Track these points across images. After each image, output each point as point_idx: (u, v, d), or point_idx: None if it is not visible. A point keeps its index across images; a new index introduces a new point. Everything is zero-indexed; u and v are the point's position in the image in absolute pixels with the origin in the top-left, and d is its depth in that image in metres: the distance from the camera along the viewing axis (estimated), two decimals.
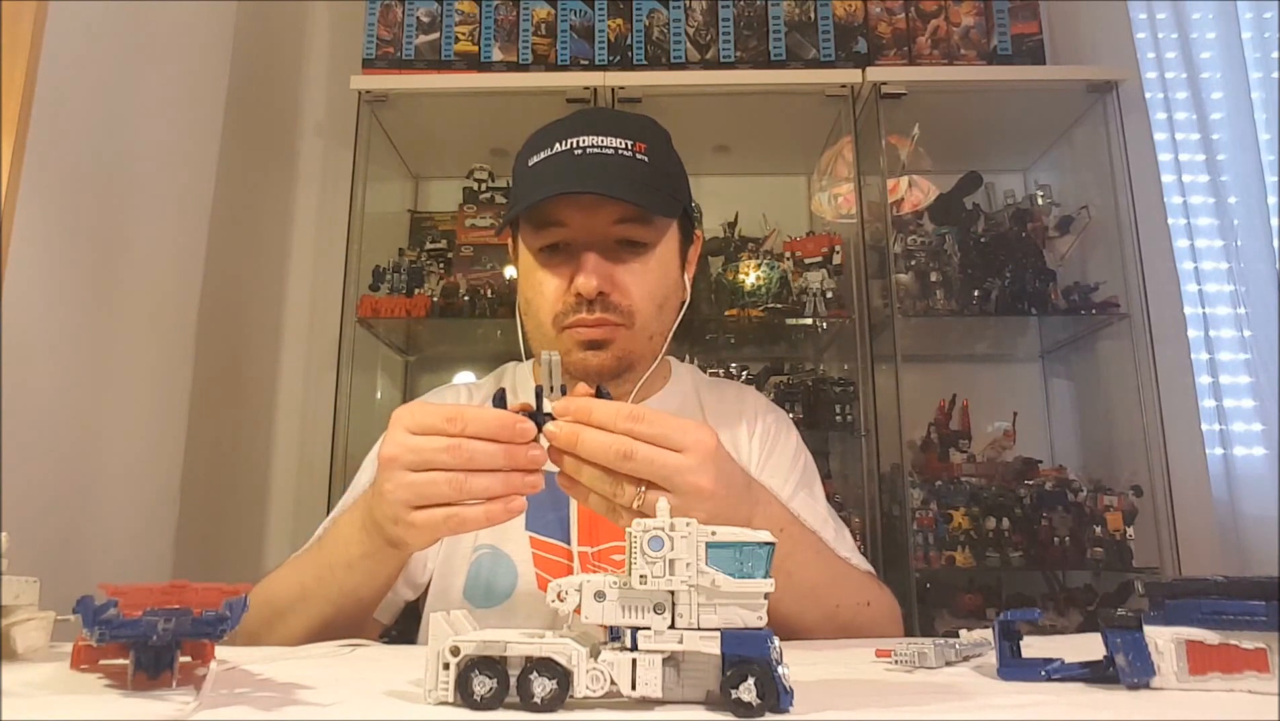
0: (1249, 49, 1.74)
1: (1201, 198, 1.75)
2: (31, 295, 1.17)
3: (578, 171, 0.85)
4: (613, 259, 0.87)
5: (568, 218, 0.86)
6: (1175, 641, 0.45)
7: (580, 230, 0.86)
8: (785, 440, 1.00)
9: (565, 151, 0.86)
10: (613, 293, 0.86)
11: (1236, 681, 0.44)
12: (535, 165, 0.88)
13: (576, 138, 0.86)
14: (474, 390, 1.03)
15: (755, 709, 0.40)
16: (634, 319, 0.88)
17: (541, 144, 0.88)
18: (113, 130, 1.37)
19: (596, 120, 0.90)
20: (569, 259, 0.87)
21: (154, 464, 1.51)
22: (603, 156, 0.85)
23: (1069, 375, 2.02)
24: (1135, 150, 1.75)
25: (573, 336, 0.87)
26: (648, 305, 0.89)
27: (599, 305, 0.85)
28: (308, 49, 2.17)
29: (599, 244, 0.86)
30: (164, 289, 1.53)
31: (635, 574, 0.42)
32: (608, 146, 0.86)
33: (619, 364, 0.88)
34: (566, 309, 0.86)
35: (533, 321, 0.91)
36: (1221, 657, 0.45)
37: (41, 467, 1.19)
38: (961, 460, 1.81)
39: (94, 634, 0.43)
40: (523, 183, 0.90)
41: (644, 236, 0.88)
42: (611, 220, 0.86)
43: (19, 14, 1.14)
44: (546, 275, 0.88)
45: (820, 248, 1.83)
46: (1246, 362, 1.68)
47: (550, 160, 0.86)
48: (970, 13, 1.89)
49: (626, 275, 0.87)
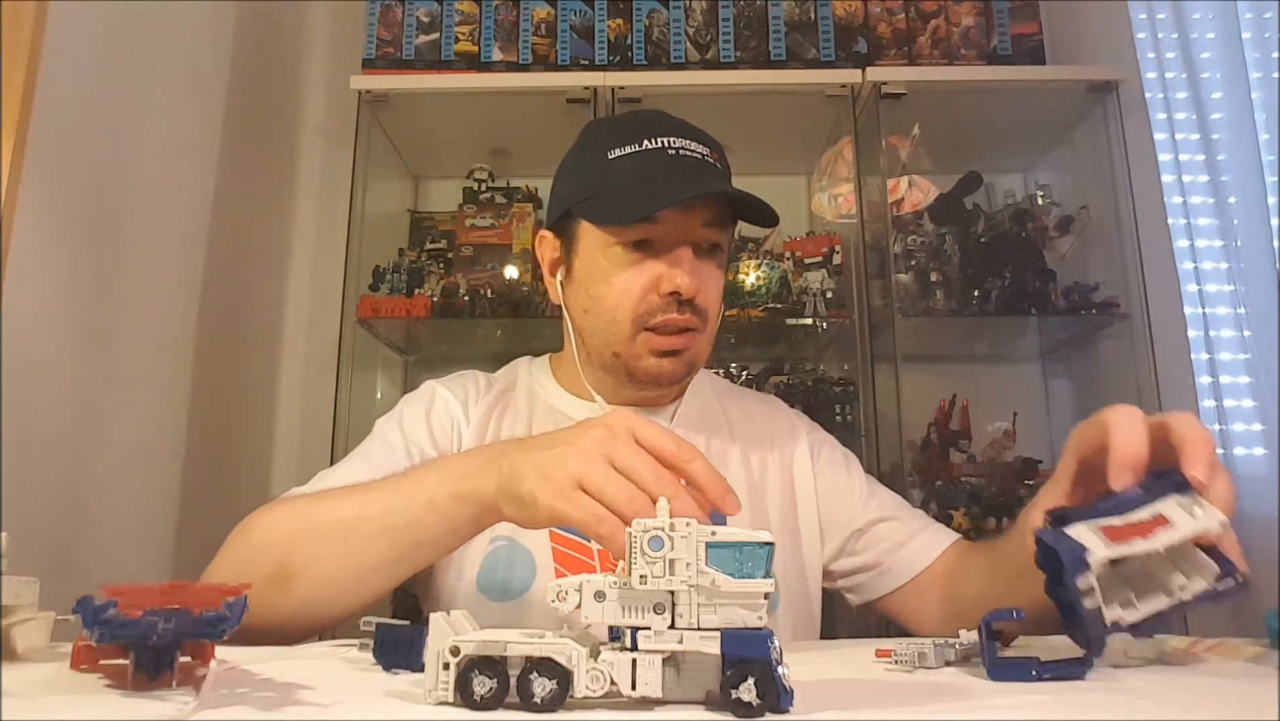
0: (1249, 49, 1.74)
1: (1201, 198, 1.75)
2: (31, 295, 1.17)
3: (683, 171, 0.84)
4: (697, 260, 0.87)
5: (663, 216, 0.84)
6: (1091, 527, 0.54)
7: (674, 230, 0.85)
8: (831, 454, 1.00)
9: (658, 150, 0.85)
10: (698, 295, 0.85)
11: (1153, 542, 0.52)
12: (621, 159, 0.86)
13: (666, 137, 0.86)
14: (493, 380, 1.01)
15: (755, 709, 0.40)
16: (708, 323, 0.88)
17: (624, 137, 0.87)
18: (113, 130, 1.37)
19: (677, 123, 0.89)
20: (657, 257, 0.86)
21: (154, 464, 1.51)
22: (696, 160, 0.85)
23: (1069, 375, 2.01)
24: (1135, 150, 1.75)
25: (649, 342, 0.86)
26: (717, 310, 0.90)
27: (689, 306, 0.85)
28: (308, 49, 2.17)
29: (688, 244, 0.86)
30: (164, 289, 1.53)
31: (635, 574, 0.42)
32: (695, 151, 0.86)
33: (689, 371, 0.90)
34: (653, 308, 0.85)
35: (603, 321, 0.88)
36: (1131, 531, 0.53)
37: (41, 467, 1.19)
38: (961, 460, 1.81)
39: (94, 634, 0.43)
40: (605, 175, 0.87)
41: (723, 241, 0.89)
42: (701, 222, 0.86)
43: (19, 14, 1.14)
44: (632, 272, 0.86)
45: (820, 248, 1.83)
46: (1246, 362, 1.68)
47: (643, 156, 0.85)
48: (970, 13, 1.89)
49: (708, 279, 0.87)
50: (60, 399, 1.25)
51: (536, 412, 0.97)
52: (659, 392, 0.92)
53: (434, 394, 0.96)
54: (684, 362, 0.88)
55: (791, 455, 0.98)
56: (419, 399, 0.96)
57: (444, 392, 0.96)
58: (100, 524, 1.33)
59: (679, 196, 0.83)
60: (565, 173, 0.95)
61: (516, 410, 0.97)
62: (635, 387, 0.91)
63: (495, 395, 0.98)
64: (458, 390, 0.97)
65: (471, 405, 0.95)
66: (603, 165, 0.87)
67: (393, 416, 0.95)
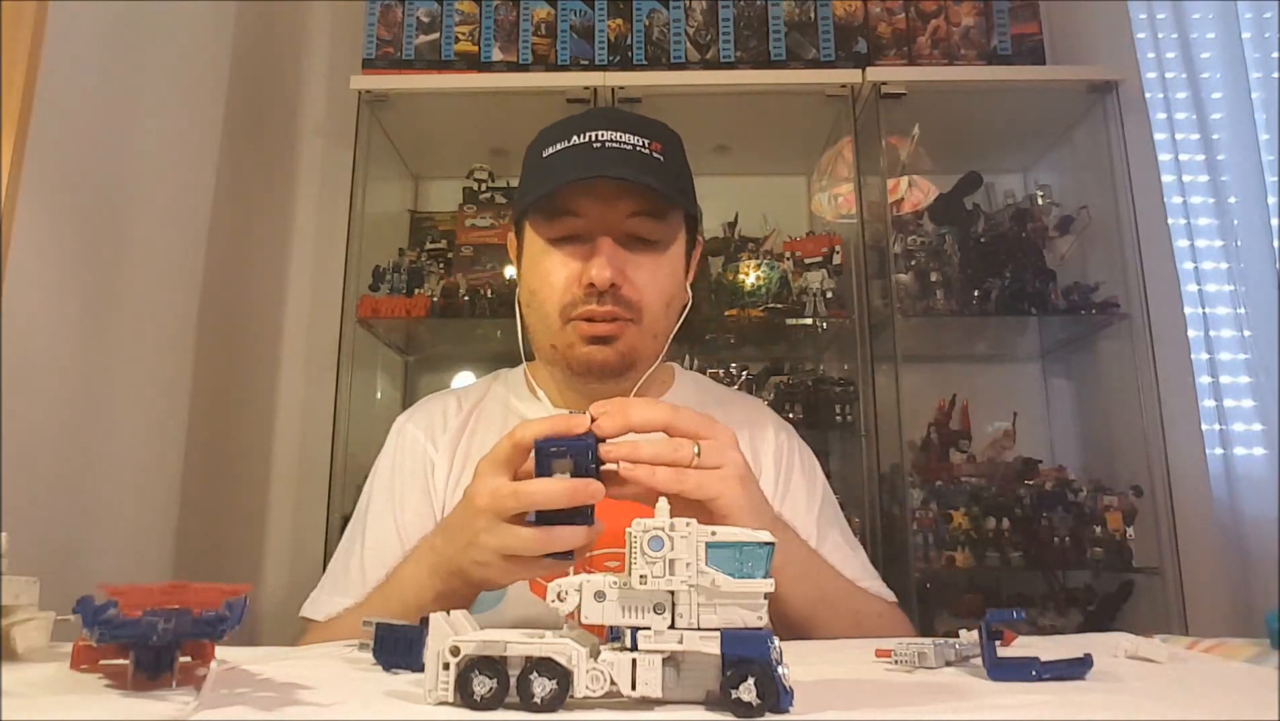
0: (1249, 49, 1.74)
1: (1201, 198, 1.75)
2: (32, 296, 1.17)
3: (598, 161, 0.84)
4: (625, 252, 0.86)
5: (583, 208, 0.85)
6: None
7: (595, 221, 0.85)
8: (802, 462, 0.99)
9: (584, 144, 0.85)
10: (624, 286, 0.85)
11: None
12: (550, 156, 0.87)
13: (594, 131, 0.86)
14: (463, 397, 1.01)
15: (755, 709, 0.40)
16: (642, 315, 0.87)
17: (557, 136, 0.88)
18: (113, 130, 1.37)
19: (614, 117, 0.90)
20: (580, 250, 0.86)
21: (154, 464, 1.51)
22: (621, 150, 0.85)
23: (1069, 375, 2.01)
24: (1135, 150, 1.75)
25: (578, 329, 0.86)
26: (656, 302, 0.88)
27: (610, 297, 0.84)
28: (308, 49, 2.17)
29: (613, 237, 0.85)
30: (164, 289, 1.53)
31: (635, 574, 0.42)
32: (625, 142, 0.85)
33: (623, 360, 0.87)
34: (575, 300, 0.85)
35: (537, 314, 0.89)
36: None
37: (42, 468, 1.19)
38: (961, 460, 1.81)
39: (94, 634, 0.43)
40: (536, 173, 0.89)
41: (656, 233, 0.88)
42: (627, 213, 0.85)
43: (19, 14, 1.14)
44: (556, 264, 0.86)
45: (820, 248, 1.83)
46: (1246, 362, 1.68)
47: (567, 151, 0.85)
48: (970, 13, 1.89)
49: (638, 270, 0.86)
50: (60, 399, 1.25)
51: (509, 422, 0.97)
52: (605, 387, 0.89)
53: (401, 435, 0.98)
54: (617, 352, 0.87)
55: (758, 471, 0.96)
56: (387, 450, 0.98)
57: (411, 430, 0.98)
58: (100, 524, 1.33)
59: (565, 179, 0.83)
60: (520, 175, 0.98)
61: (489, 423, 0.97)
62: (577, 380, 0.90)
63: (465, 415, 0.98)
64: (423, 422, 0.98)
65: (439, 434, 0.96)
66: (537, 164, 0.89)
67: (374, 476, 0.98)
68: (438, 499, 0.92)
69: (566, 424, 0.61)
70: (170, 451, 1.56)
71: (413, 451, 0.96)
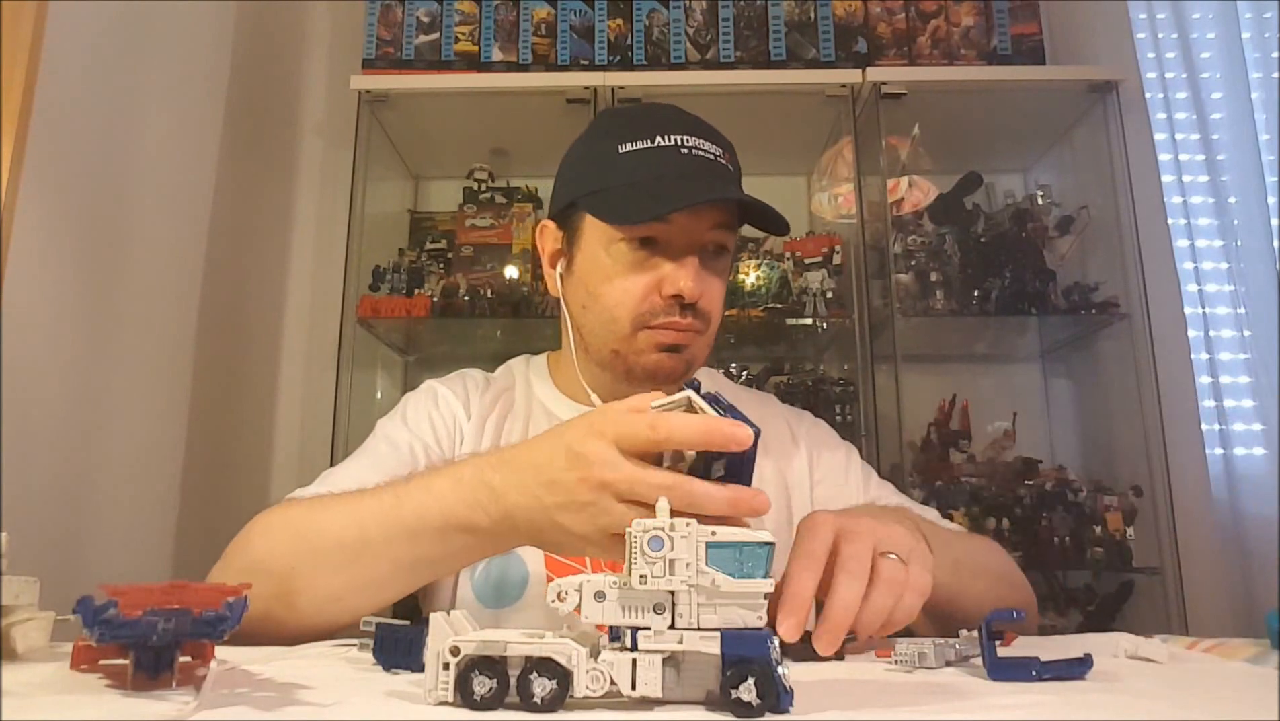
0: (1249, 49, 1.74)
1: (1201, 198, 1.75)
2: (31, 296, 1.17)
3: (695, 173, 0.83)
4: (702, 263, 0.86)
5: (672, 217, 0.83)
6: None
7: (682, 231, 0.84)
8: (827, 442, 1.01)
9: (671, 148, 0.83)
10: (701, 298, 0.84)
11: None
12: (630, 154, 0.84)
13: (678, 135, 0.84)
14: (491, 379, 1.01)
15: (755, 709, 0.40)
16: (710, 324, 0.88)
17: (635, 131, 0.85)
18: (113, 130, 1.37)
19: (688, 120, 0.88)
20: (659, 258, 0.84)
21: (154, 464, 1.51)
22: (707, 161, 0.84)
23: (1069, 375, 2.01)
24: (1135, 150, 1.74)
25: (652, 337, 0.85)
26: (719, 311, 0.89)
27: (691, 309, 0.84)
28: (308, 49, 2.17)
29: (695, 247, 0.85)
30: (164, 289, 1.53)
31: (635, 574, 0.42)
32: (708, 150, 0.85)
33: (688, 369, 0.89)
34: (655, 309, 0.84)
35: (599, 318, 0.87)
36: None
37: (41, 467, 1.19)
38: (962, 460, 1.81)
39: (94, 634, 0.43)
40: (612, 169, 0.85)
41: (729, 243, 0.88)
42: (711, 225, 0.85)
43: (19, 14, 1.14)
44: (635, 271, 0.85)
45: (820, 248, 1.83)
46: (1246, 362, 1.68)
47: (653, 154, 0.83)
48: (970, 13, 1.89)
49: (712, 281, 0.87)
50: (60, 399, 1.25)
51: (533, 416, 0.97)
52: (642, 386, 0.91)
53: (436, 393, 0.97)
54: (684, 360, 0.87)
55: (788, 465, 0.98)
56: (422, 397, 0.97)
57: (445, 391, 0.97)
58: (100, 524, 1.33)
59: (693, 200, 0.82)
60: (572, 163, 0.93)
61: (515, 412, 0.97)
62: (631, 385, 0.90)
63: (494, 394, 0.98)
64: (458, 388, 0.97)
65: (473, 402, 0.96)
66: (612, 159, 0.85)
67: (395, 415, 0.96)
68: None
69: (724, 438, 0.53)
70: (170, 451, 1.56)
71: (449, 409, 0.95)
